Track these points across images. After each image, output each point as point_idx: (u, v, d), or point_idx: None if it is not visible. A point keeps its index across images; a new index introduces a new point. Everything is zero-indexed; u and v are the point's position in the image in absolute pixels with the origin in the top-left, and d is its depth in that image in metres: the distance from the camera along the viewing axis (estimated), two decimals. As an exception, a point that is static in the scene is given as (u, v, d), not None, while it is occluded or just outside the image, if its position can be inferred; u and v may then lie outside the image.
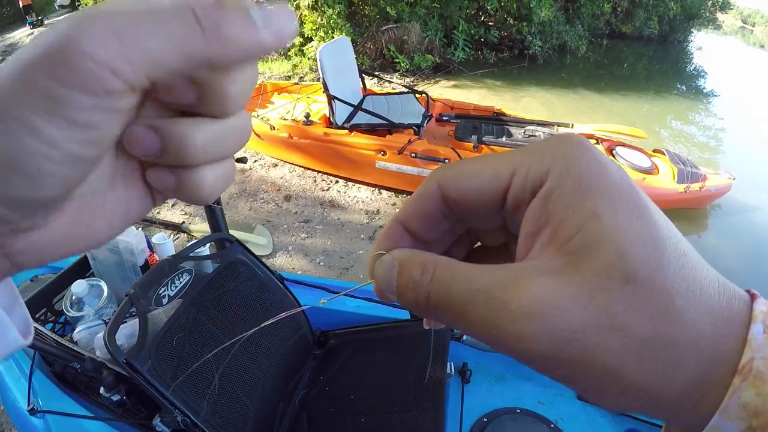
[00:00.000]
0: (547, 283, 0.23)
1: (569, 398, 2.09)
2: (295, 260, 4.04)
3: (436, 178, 0.28)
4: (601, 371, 0.23)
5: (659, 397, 0.23)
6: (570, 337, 0.22)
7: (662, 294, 0.23)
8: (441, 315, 0.25)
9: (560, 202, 0.24)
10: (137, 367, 1.35)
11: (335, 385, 1.91)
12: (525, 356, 0.23)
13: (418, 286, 0.26)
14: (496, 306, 0.23)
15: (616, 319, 0.22)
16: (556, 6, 11.68)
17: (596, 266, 0.23)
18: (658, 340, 0.22)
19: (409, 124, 4.82)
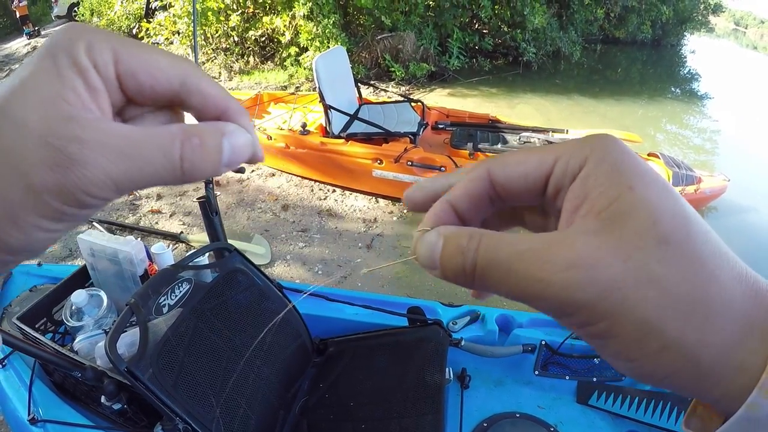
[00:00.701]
0: (588, 241, 0.25)
1: (568, 402, 2.10)
2: (293, 269, 4.05)
3: (486, 165, 0.31)
4: (641, 323, 0.24)
5: (697, 358, 0.24)
6: (612, 286, 0.24)
7: (693, 257, 0.25)
8: (486, 277, 0.27)
9: (598, 180, 0.26)
10: (138, 376, 1.36)
11: (335, 393, 1.91)
12: (568, 307, 0.25)
13: (466, 251, 0.28)
14: (542, 260, 0.25)
15: (653, 273, 0.24)
16: (550, 13, 11.75)
17: (632, 229, 0.25)
18: (693, 297, 0.24)
19: (405, 133, 4.84)
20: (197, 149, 0.27)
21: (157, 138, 0.27)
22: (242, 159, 0.29)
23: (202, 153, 0.27)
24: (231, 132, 0.29)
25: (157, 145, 0.26)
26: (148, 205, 4.86)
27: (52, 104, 0.25)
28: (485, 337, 2.11)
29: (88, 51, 0.26)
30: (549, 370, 2.10)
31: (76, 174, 0.25)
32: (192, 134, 0.27)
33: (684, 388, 0.25)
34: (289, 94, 6.59)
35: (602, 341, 0.26)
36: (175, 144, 0.27)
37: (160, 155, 0.26)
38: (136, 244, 1.91)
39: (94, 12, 12.80)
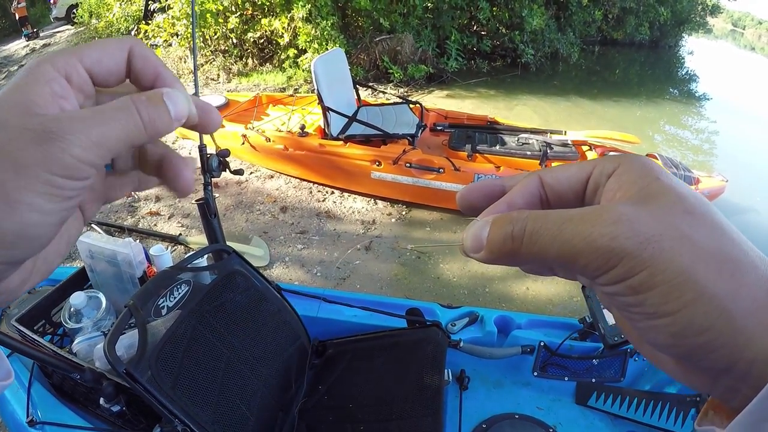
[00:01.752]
0: (627, 207, 0.28)
1: (567, 403, 2.10)
2: (292, 271, 4.05)
3: (537, 172, 0.36)
4: (677, 272, 0.26)
5: (730, 311, 0.26)
6: (651, 238, 0.27)
7: (716, 225, 0.28)
8: (535, 240, 0.29)
9: (630, 175, 0.31)
10: (137, 377, 1.36)
11: (334, 394, 1.91)
12: (615, 257, 0.27)
13: (517, 221, 0.30)
14: (590, 220, 0.28)
15: (684, 232, 0.27)
16: (548, 14, 11.77)
17: (661, 203, 0.28)
18: (721, 254, 0.27)
19: (403, 135, 4.84)
20: (147, 103, 0.32)
21: (116, 104, 0.31)
22: (184, 113, 0.34)
23: (152, 107, 0.32)
24: (167, 92, 0.33)
25: (117, 108, 0.31)
26: (147, 207, 4.86)
27: (26, 107, 0.29)
28: (484, 338, 2.11)
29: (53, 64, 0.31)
30: (548, 371, 2.10)
31: (59, 143, 0.28)
32: (139, 95, 0.32)
33: (721, 346, 0.27)
34: (287, 96, 6.59)
35: (640, 297, 0.27)
36: (131, 105, 0.31)
37: (122, 116, 0.31)
38: (135, 246, 1.91)
39: (93, 14, 12.81)
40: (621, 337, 1.76)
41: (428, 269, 4.14)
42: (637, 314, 0.28)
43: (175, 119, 0.33)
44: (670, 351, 0.29)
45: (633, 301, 0.28)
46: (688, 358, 0.29)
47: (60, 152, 0.28)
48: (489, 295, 3.85)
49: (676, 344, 0.28)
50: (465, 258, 3.08)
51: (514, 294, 3.87)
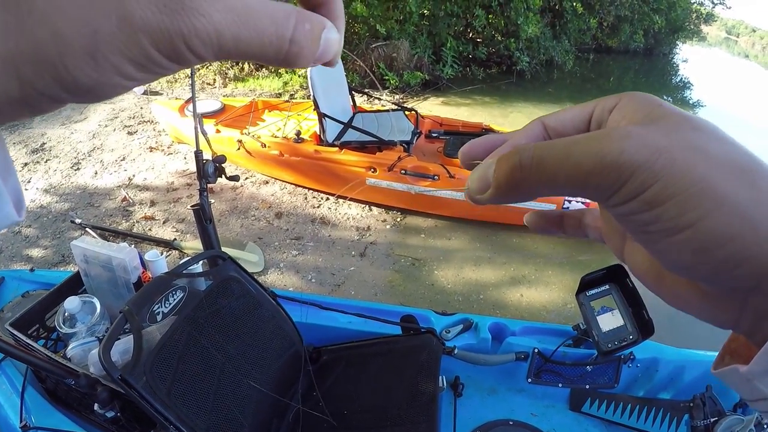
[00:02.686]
0: (635, 126, 0.27)
1: (561, 409, 2.11)
2: (286, 277, 4.05)
3: (539, 118, 0.36)
4: (694, 181, 0.25)
5: (754, 219, 0.25)
6: (661, 149, 0.25)
7: (727, 139, 0.27)
8: (544, 165, 0.28)
9: (632, 105, 0.31)
10: (132, 384, 1.36)
11: (329, 400, 1.91)
12: (626, 170, 0.26)
13: (523, 150, 0.29)
14: (598, 138, 0.27)
15: (695, 143, 0.26)
16: (543, 22, 11.81)
17: (668, 123, 0.28)
18: (737, 162, 0.26)
19: (398, 141, 4.85)
20: (307, 34, 0.26)
21: (275, 11, 0.25)
22: (329, 56, 0.29)
23: (309, 40, 0.27)
24: (329, 27, 0.28)
25: (273, 19, 0.25)
26: (142, 212, 4.85)
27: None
28: (478, 345, 2.12)
29: None
30: (542, 377, 2.11)
31: (185, 21, 0.22)
32: (305, 19, 0.26)
33: (747, 258, 0.25)
34: (283, 102, 6.59)
35: (656, 211, 0.26)
36: (290, 22, 0.26)
37: (272, 30, 0.25)
38: (130, 251, 1.91)
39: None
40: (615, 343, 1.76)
41: (423, 276, 4.15)
42: (656, 233, 0.27)
43: (317, 58, 0.28)
44: (694, 272, 0.27)
45: (649, 218, 0.27)
46: (713, 278, 0.27)
47: (177, 34, 0.22)
48: (483, 301, 3.86)
49: (699, 261, 0.26)
50: (459, 265, 3.08)
51: (509, 301, 3.88)
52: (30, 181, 5.41)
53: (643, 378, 2.10)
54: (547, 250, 4.45)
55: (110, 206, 4.97)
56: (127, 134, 6.65)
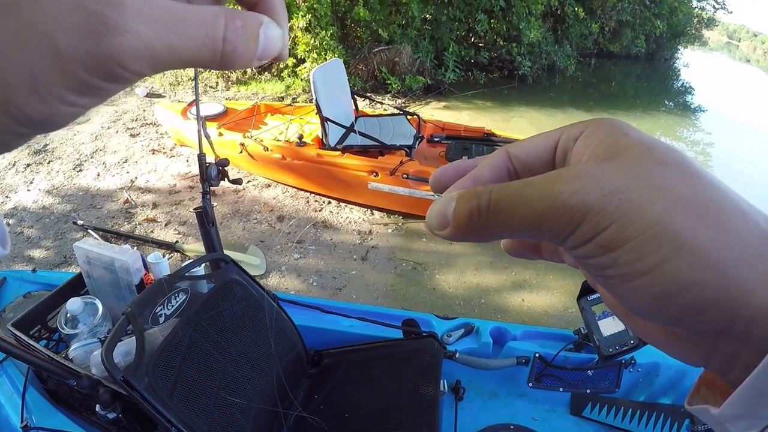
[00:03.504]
0: (590, 165, 0.27)
1: (562, 414, 2.10)
2: (288, 280, 4.05)
3: (504, 147, 0.34)
4: (650, 223, 0.23)
5: (719, 261, 0.23)
6: (616, 190, 0.24)
7: (692, 173, 0.25)
8: (500, 209, 0.27)
9: (598, 134, 0.29)
10: (135, 385, 1.36)
11: (330, 404, 1.92)
12: (577, 213, 0.25)
13: (481, 194, 0.28)
14: (551, 180, 0.26)
15: (656, 180, 0.25)
16: (545, 27, 11.84)
17: (630, 156, 0.26)
18: (701, 200, 0.24)
19: (400, 146, 4.86)
20: (240, 31, 0.25)
21: (202, 14, 0.24)
22: (273, 52, 0.27)
23: (244, 37, 0.26)
24: (267, 23, 0.27)
25: (202, 21, 0.24)
26: (144, 214, 4.86)
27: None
28: (479, 349, 2.12)
29: None
30: (543, 382, 2.11)
31: (112, 42, 0.22)
32: (235, 17, 0.25)
33: (713, 304, 0.23)
34: (285, 106, 6.61)
35: (612, 255, 0.25)
36: (219, 22, 0.25)
37: (203, 32, 0.24)
38: (133, 253, 1.92)
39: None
40: (616, 348, 1.77)
41: (424, 280, 4.15)
42: (614, 277, 0.25)
43: (258, 58, 0.27)
44: (657, 317, 0.26)
45: (606, 262, 0.25)
46: (677, 322, 0.25)
47: (107, 56, 0.22)
48: (485, 306, 3.86)
49: (661, 307, 0.25)
50: (461, 269, 3.08)
51: (510, 305, 3.88)
52: (32, 182, 5.41)
53: (644, 382, 2.10)
54: (548, 255, 4.44)
55: (112, 208, 4.98)
56: (130, 136, 6.66)
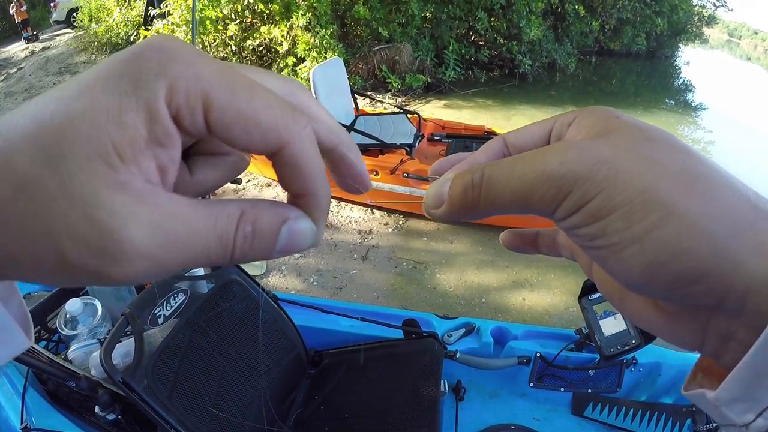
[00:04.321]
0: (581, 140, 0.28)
1: (564, 414, 2.10)
2: (288, 280, 4.04)
3: (501, 135, 0.34)
4: (638, 191, 0.24)
5: (708, 230, 0.23)
6: (604, 159, 0.25)
7: (681, 149, 0.26)
8: (493, 183, 0.28)
9: (589, 120, 0.29)
10: (133, 386, 1.36)
11: (330, 405, 1.91)
12: (566, 183, 0.25)
13: (475, 171, 0.29)
14: (541, 153, 0.27)
15: (644, 153, 0.25)
16: (545, 25, 11.82)
17: (620, 135, 0.26)
18: (690, 172, 0.24)
19: (401, 145, 4.86)
20: (249, 237, 0.24)
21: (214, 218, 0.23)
22: (299, 248, 0.26)
23: (257, 241, 0.24)
24: (294, 219, 0.25)
25: (216, 234, 0.23)
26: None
27: (105, 162, 0.20)
28: (480, 349, 2.12)
29: (171, 94, 0.21)
30: (544, 382, 2.10)
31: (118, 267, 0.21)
32: (248, 220, 0.24)
33: (704, 274, 0.23)
34: (285, 104, 6.59)
35: (601, 224, 0.25)
36: (230, 229, 0.23)
37: (215, 242, 0.23)
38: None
39: (93, 18, 12.82)
40: (617, 348, 1.76)
41: (425, 279, 4.14)
42: (605, 248, 0.25)
43: (279, 253, 0.25)
44: (648, 289, 0.25)
45: (595, 231, 0.25)
46: (669, 295, 0.25)
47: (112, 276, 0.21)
48: (485, 305, 3.85)
49: (652, 277, 0.24)
50: (462, 268, 3.07)
51: (511, 304, 3.87)
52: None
53: (645, 382, 2.09)
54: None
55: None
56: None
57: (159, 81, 0.21)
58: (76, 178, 0.20)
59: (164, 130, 0.21)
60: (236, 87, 0.22)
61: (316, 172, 0.25)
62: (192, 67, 0.21)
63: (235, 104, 0.22)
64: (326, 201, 0.26)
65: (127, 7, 12.08)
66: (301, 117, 0.24)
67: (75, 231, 0.20)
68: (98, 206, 0.20)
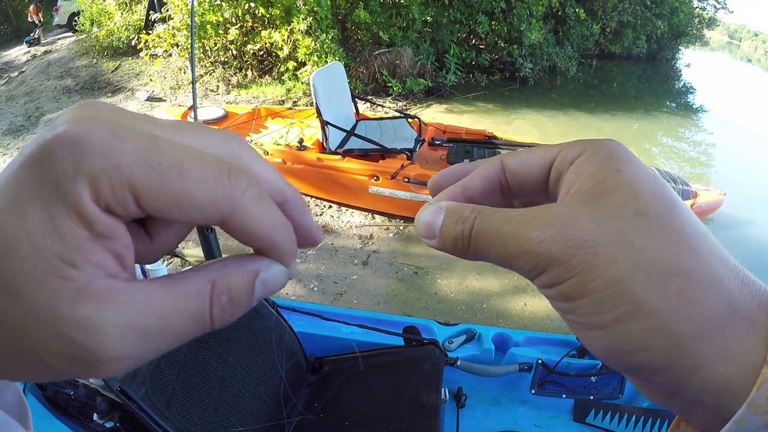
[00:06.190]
0: (568, 208, 0.26)
1: (565, 420, 2.09)
2: (288, 286, 4.03)
3: (500, 156, 0.32)
4: (610, 282, 0.24)
5: (672, 330, 0.23)
6: (582, 243, 0.24)
7: (672, 229, 0.25)
8: (480, 241, 0.28)
9: (590, 166, 0.27)
10: (131, 395, 1.35)
11: (330, 412, 1.90)
12: (542, 261, 0.25)
13: (466, 220, 0.29)
14: (526, 222, 0.26)
15: (627, 238, 0.24)
16: (546, 29, 11.86)
17: (611, 202, 0.25)
18: (670, 265, 0.24)
19: (401, 149, 4.85)
20: (227, 307, 0.24)
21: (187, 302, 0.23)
22: (275, 291, 0.26)
23: (234, 308, 0.24)
24: (265, 268, 0.25)
25: (190, 315, 0.23)
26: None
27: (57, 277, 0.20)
28: (481, 356, 2.10)
29: (95, 193, 0.20)
30: (546, 388, 2.09)
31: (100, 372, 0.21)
32: (221, 291, 0.23)
33: (662, 369, 0.24)
34: (286, 109, 6.61)
35: (572, 304, 0.25)
36: (204, 305, 0.23)
37: (191, 323, 0.23)
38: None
39: (94, 22, 12.86)
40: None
41: (426, 285, 4.13)
42: (573, 323, 0.26)
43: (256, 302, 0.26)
44: (611, 366, 0.26)
45: (567, 308, 0.26)
46: (630, 376, 0.27)
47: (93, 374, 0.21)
48: (487, 310, 3.84)
49: (613, 360, 0.25)
50: (463, 274, 3.06)
51: (512, 310, 3.86)
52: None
53: (647, 389, 2.08)
54: (550, 258, 4.42)
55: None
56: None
57: (78, 182, 0.20)
58: (35, 302, 0.20)
59: (102, 225, 0.20)
60: (162, 168, 0.21)
61: (268, 229, 0.24)
62: (110, 158, 0.20)
63: (165, 188, 0.21)
64: (290, 245, 0.26)
65: (128, 12, 12.11)
66: (239, 180, 0.23)
67: (52, 348, 0.20)
68: (64, 324, 0.20)
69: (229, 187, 0.22)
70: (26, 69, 11.60)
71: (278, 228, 0.25)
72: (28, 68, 11.64)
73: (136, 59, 11.19)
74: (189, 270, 0.24)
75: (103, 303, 0.20)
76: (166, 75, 10.24)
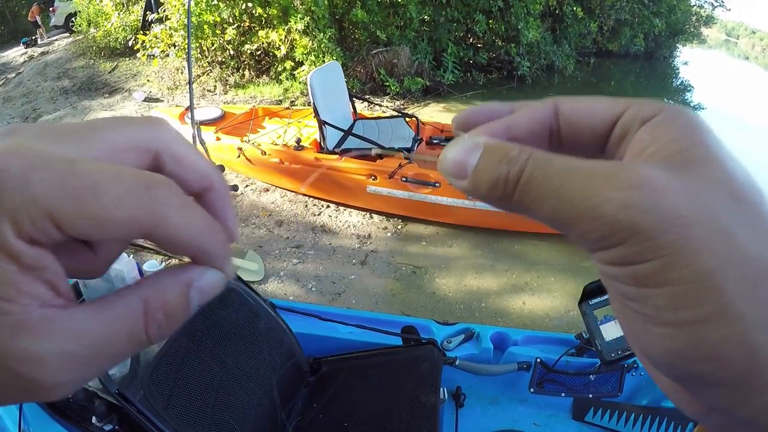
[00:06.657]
0: (656, 169, 0.22)
1: (564, 419, 2.09)
2: (286, 286, 4.03)
3: (554, 98, 0.28)
4: (702, 273, 0.20)
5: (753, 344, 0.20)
6: (676, 219, 0.20)
7: (764, 218, 0.21)
8: (531, 189, 0.23)
9: (671, 129, 0.23)
10: (129, 398, 1.35)
11: (329, 412, 1.90)
12: (622, 232, 0.21)
13: (514, 161, 0.23)
14: (601, 177, 0.21)
15: (722, 223, 0.20)
16: (544, 27, 11.86)
17: (704, 175, 0.22)
18: (761, 263, 0.20)
19: (399, 149, 4.85)
20: (162, 323, 0.24)
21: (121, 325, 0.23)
22: (212, 296, 0.26)
23: (170, 323, 0.24)
24: (198, 277, 0.25)
25: (125, 337, 0.23)
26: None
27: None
28: (480, 355, 2.10)
29: (16, 227, 0.20)
30: (544, 387, 2.09)
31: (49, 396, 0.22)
32: (156, 308, 0.24)
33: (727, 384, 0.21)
34: (283, 109, 6.60)
35: (644, 291, 0.21)
36: (138, 326, 0.23)
37: (127, 344, 0.23)
38: (128, 261, 1.89)
39: (91, 23, 12.84)
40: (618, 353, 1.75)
41: (424, 284, 4.13)
42: (635, 312, 0.22)
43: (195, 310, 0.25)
44: (663, 369, 0.23)
45: (633, 294, 0.22)
46: (680, 383, 0.23)
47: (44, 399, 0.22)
48: (485, 309, 3.84)
49: (673, 364, 0.21)
50: (461, 273, 3.05)
51: (511, 309, 3.86)
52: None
53: (646, 386, 2.08)
54: (549, 257, 4.43)
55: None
56: (128, 142, 6.65)
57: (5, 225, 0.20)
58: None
59: (29, 258, 0.21)
60: (79, 193, 0.21)
61: (194, 237, 0.24)
62: (26, 191, 0.20)
63: (83, 212, 0.21)
64: (220, 248, 0.26)
65: (125, 12, 12.09)
66: (157, 192, 0.22)
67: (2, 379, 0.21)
68: (8, 357, 0.21)
69: (148, 201, 0.22)
70: (23, 70, 11.60)
71: (204, 233, 0.24)
72: (26, 69, 11.64)
73: (133, 60, 11.19)
74: (123, 289, 0.24)
75: (39, 334, 0.21)
76: (163, 75, 10.23)
